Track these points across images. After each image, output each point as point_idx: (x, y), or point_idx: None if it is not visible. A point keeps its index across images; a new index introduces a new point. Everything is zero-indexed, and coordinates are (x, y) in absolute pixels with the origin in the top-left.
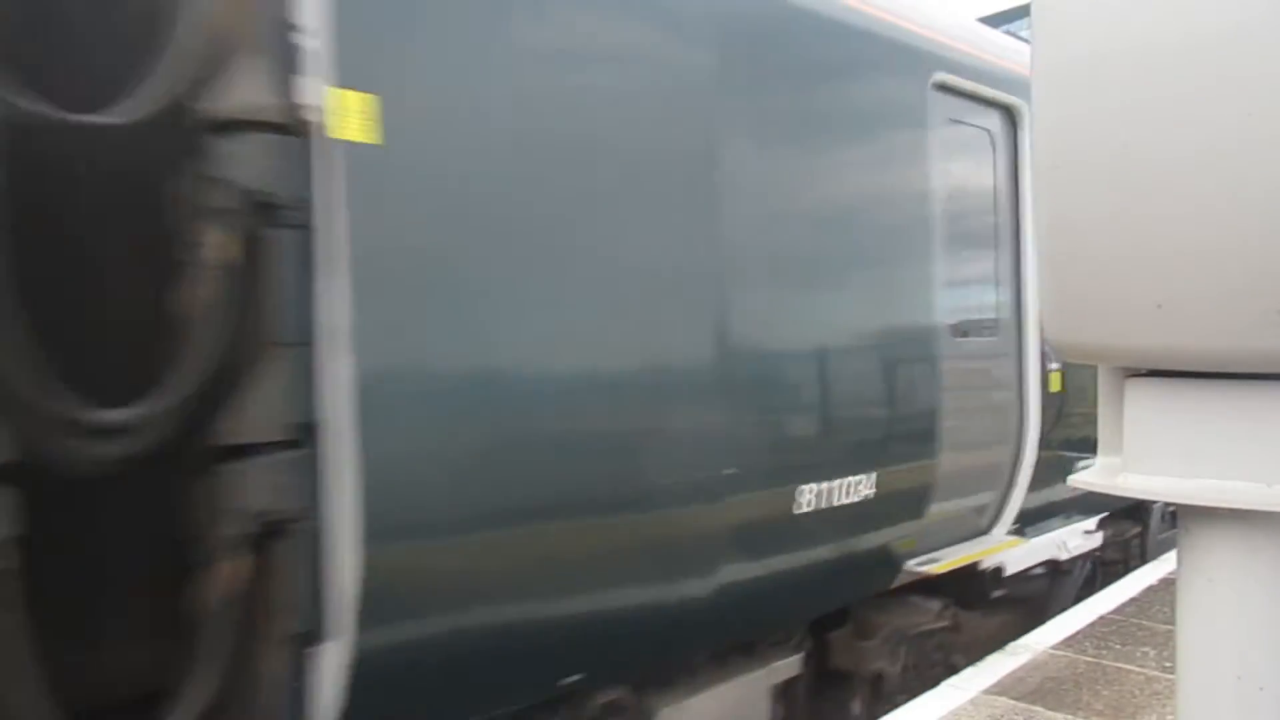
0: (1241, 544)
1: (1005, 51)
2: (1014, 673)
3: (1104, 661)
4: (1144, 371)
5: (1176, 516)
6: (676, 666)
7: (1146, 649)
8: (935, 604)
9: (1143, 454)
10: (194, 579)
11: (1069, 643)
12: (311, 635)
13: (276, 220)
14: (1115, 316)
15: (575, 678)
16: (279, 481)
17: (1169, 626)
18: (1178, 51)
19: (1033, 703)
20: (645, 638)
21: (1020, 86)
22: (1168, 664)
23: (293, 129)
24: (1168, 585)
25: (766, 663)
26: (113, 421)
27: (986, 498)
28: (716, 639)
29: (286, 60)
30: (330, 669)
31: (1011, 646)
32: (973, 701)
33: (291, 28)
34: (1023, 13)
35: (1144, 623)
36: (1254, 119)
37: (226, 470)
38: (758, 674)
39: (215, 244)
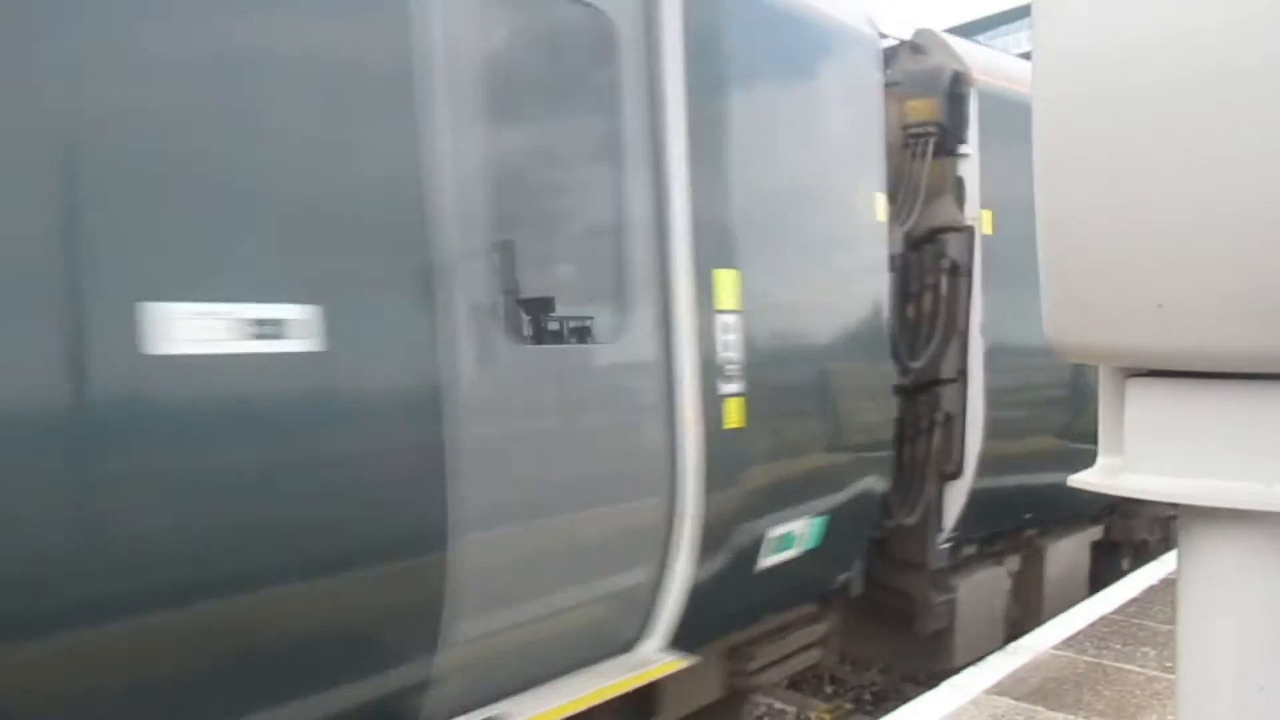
0: (1241, 544)
1: None
2: (1015, 673)
3: (1105, 661)
4: (1145, 371)
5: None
6: (1055, 524)
7: (1147, 649)
8: None
9: (1144, 454)
10: (910, 442)
11: (1070, 643)
12: (953, 475)
13: (959, 273)
14: (1116, 316)
15: (1029, 517)
16: (952, 397)
17: (1169, 626)
18: (1180, 51)
19: (1034, 703)
20: (1055, 504)
21: None
22: (1168, 664)
23: (965, 230)
24: (1168, 585)
25: (1085, 529)
26: (912, 367)
27: None
28: (1078, 510)
29: (960, 196)
30: (958, 495)
31: (1012, 647)
32: (974, 701)
33: (962, 182)
34: (1020, 14)
35: (1145, 623)
36: (1257, 119)
37: (934, 390)
38: (1082, 535)
39: (940, 285)
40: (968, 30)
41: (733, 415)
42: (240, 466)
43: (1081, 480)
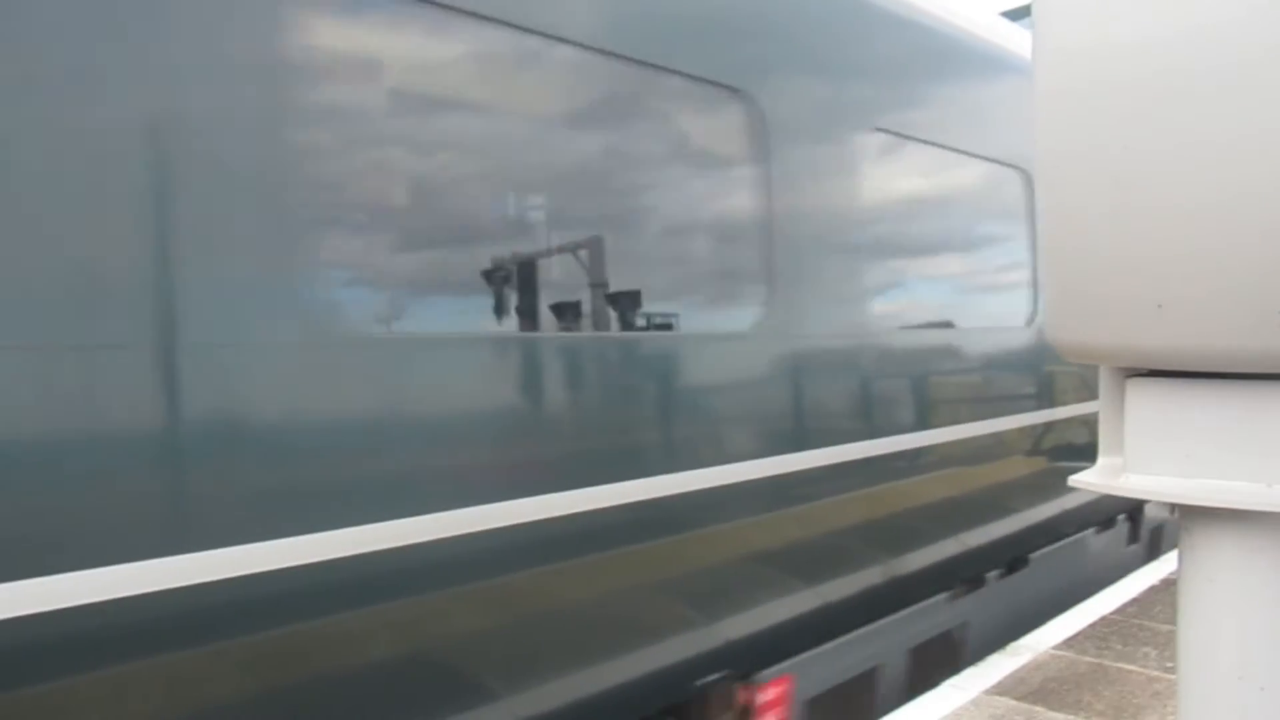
0: (1242, 544)
1: None
2: (1015, 673)
3: (1105, 662)
4: (1145, 371)
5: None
6: None
7: (1148, 649)
8: None
9: (1144, 454)
10: None
11: (1070, 643)
12: None
13: None
14: (1116, 316)
15: None
16: None
17: (1170, 627)
18: (1181, 49)
19: (1034, 703)
20: None
21: None
22: (1169, 664)
23: None
24: (1169, 585)
25: None
26: None
27: None
28: None
29: None
30: None
31: (1012, 647)
32: (974, 702)
33: None
34: (1020, 14)
35: (1145, 623)
36: (1257, 117)
37: None
38: None
39: None
40: (1013, 17)
41: None
42: None
43: (1082, 481)
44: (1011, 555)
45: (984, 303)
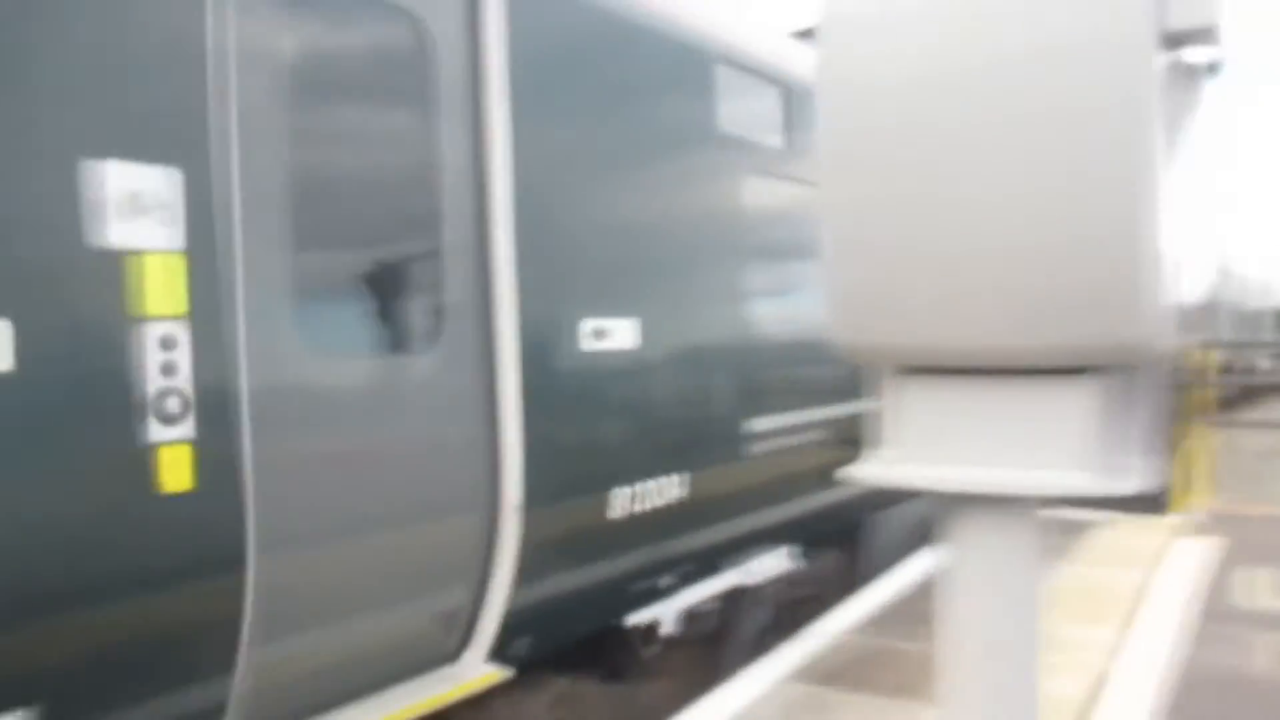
0: (994, 528)
1: None
2: (810, 657)
3: (891, 643)
4: (914, 369)
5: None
6: None
7: (927, 629)
8: None
9: (908, 446)
10: None
11: (860, 628)
12: None
13: None
14: (893, 322)
15: None
16: None
17: None
18: (944, 73)
19: (825, 684)
20: None
21: None
22: None
23: None
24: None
25: None
26: None
27: None
28: None
29: None
30: None
31: (805, 632)
32: (771, 687)
33: None
34: None
35: (927, 606)
36: (1006, 157)
37: None
38: None
39: None
40: None
41: None
42: None
43: (851, 474)
44: None
45: None
